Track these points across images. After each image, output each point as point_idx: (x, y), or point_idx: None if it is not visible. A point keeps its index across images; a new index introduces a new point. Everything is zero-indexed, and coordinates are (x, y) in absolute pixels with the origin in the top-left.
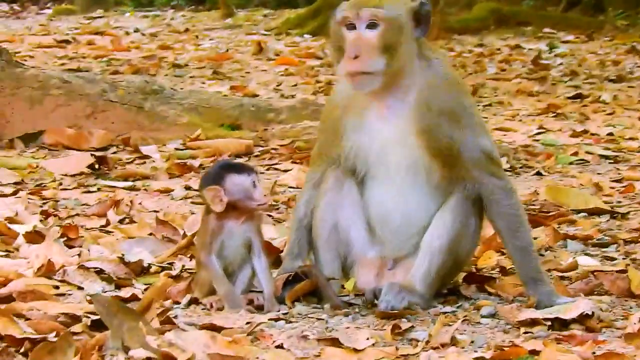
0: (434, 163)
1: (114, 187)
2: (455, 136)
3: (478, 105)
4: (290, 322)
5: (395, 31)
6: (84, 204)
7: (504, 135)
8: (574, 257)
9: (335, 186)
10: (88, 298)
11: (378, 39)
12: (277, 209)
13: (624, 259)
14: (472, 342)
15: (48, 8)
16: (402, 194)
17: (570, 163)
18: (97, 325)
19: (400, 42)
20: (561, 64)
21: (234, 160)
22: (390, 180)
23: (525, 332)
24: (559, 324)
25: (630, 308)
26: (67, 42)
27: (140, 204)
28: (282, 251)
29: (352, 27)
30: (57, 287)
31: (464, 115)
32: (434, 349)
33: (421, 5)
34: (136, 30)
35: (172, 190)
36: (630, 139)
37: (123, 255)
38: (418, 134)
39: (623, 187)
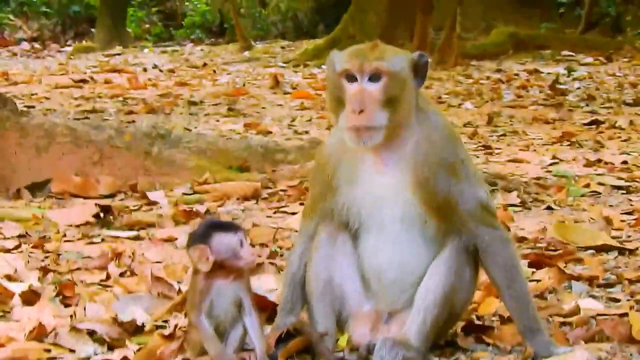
0: (429, 215)
1: (118, 237)
2: (453, 189)
3: (492, 136)
4: None
5: (398, 84)
6: (86, 257)
7: (517, 167)
8: (577, 301)
9: (328, 240)
10: None
11: (381, 93)
12: (281, 256)
13: (628, 300)
14: None
15: (69, 45)
16: (396, 247)
17: (582, 195)
18: None
19: (403, 95)
20: (579, 87)
21: (221, 219)
22: (384, 233)
23: None
24: None
25: (631, 355)
26: (85, 81)
27: (142, 254)
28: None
29: (353, 79)
30: (48, 351)
31: (461, 167)
32: None
33: (420, 57)
34: (154, 67)
35: (177, 239)
36: None
37: (116, 315)
38: (414, 186)
39: (634, 219)
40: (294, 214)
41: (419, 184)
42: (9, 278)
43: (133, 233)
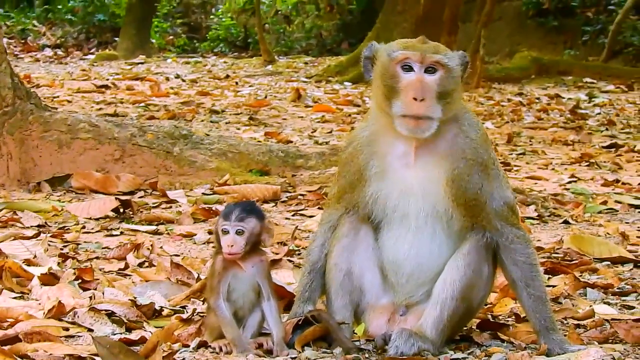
0: (456, 212)
1: (137, 230)
2: (484, 187)
3: (511, 154)
4: None
5: (452, 79)
6: (104, 247)
7: (535, 183)
8: (592, 306)
9: (350, 232)
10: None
11: (438, 85)
12: (299, 254)
13: None
14: None
15: (92, 53)
16: (417, 241)
17: (599, 212)
18: None
19: (455, 90)
20: (599, 113)
21: (240, 204)
22: (406, 227)
23: None
24: None
25: None
26: (107, 87)
27: (161, 247)
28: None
29: (409, 68)
30: (66, 329)
31: (493, 167)
32: None
33: (464, 57)
34: (177, 76)
35: (195, 235)
36: None
37: (135, 298)
38: (447, 182)
39: None
40: (312, 216)
41: (452, 180)
42: (28, 263)
43: (152, 228)
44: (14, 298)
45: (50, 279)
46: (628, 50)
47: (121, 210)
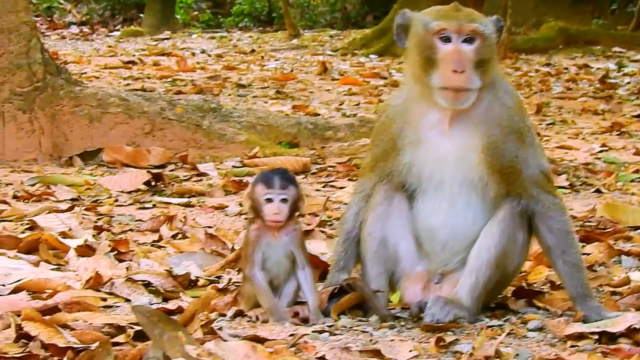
0: (491, 179)
1: (169, 203)
2: (520, 154)
3: (541, 124)
4: (335, 334)
5: (488, 47)
6: (138, 220)
7: (566, 153)
8: (627, 273)
9: (385, 200)
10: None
11: (475, 55)
12: (330, 224)
13: None
14: (517, 355)
15: (117, 30)
16: (452, 208)
17: (632, 181)
18: (141, 336)
19: (491, 58)
20: (629, 82)
21: (278, 172)
22: (441, 195)
23: (572, 346)
24: (607, 337)
25: None
26: (133, 63)
27: (194, 219)
28: (329, 265)
29: (446, 39)
30: (104, 299)
31: (528, 135)
32: None
33: (499, 21)
34: (202, 51)
35: (227, 207)
36: None
37: (171, 268)
38: (482, 150)
39: None
40: (342, 188)
41: (488, 147)
42: (64, 235)
43: (184, 200)
44: (52, 269)
45: (86, 250)
46: None
47: (153, 183)
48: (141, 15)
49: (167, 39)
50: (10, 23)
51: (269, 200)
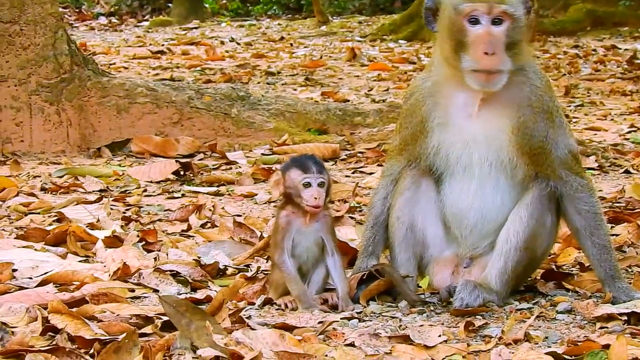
0: (520, 161)
1: (198, 192)
2: (549, 135)
3: (569, 106)
4: (364, 320)
5: (518, 28)
6: (166, 210)
7: (594, 134)
8: None
9: (412, 185)
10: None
11: (506, 36)
12: (360, 210)
13: None
14: (546, 337)
15: (145, 20)
16: (480, 192)
17: None
18: (169, 327)
19: (521, 39)
20: None
21: (311, 157)
22: (469, 178)
23: (601, 328)
24: (635, 318)
25: None
26: (162, 52)
27: (222, 208)
28: (358, 251)
29: (475, 21)
30: (132, 290)
31: (557, 115)
32: (507, 345)
33: (527, 3)
34: (231, 40)
35: (256, 195)
36: None
37: (199, 258)
38: (512, 131)
39: None
40: (371, 174)
41: (518, 127)
42: (91, 226)
43: (213, 189)
44: (79, 261)
45: (114, 241)
46: None
47: (181, 172)
48: (170, 4)
49: (195, 28)
50: (36, 15)
51: (307, 185)
